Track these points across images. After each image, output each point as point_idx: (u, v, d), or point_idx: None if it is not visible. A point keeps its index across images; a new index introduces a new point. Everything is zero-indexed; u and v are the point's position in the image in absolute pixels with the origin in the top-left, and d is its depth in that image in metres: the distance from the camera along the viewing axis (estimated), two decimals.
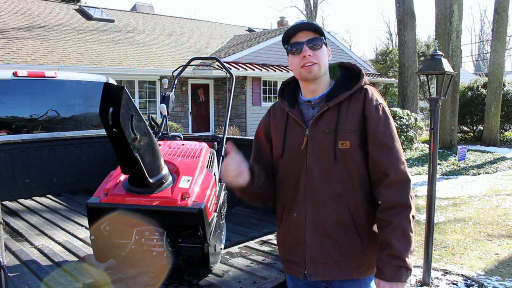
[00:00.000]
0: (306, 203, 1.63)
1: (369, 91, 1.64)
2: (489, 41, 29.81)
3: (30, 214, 3.56)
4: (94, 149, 4.50)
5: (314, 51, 1.60)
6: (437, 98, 3.87)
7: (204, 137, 3.26)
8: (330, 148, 1.59)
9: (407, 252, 1.50)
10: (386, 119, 1.59)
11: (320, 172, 1.60)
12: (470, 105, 14.71)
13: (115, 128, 1.69)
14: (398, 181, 1.54)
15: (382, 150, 1.56)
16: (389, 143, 1.56)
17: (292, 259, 1.69)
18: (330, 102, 1.61)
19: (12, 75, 3.94)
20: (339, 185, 1.59)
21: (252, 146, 1.85)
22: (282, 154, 1.69)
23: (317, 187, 1.61)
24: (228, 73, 3.32)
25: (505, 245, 5.02)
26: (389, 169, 1.54)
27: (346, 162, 1.58)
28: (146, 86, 13.73)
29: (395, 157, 1.55)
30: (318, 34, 1.61)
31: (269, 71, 14.62)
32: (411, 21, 13.61)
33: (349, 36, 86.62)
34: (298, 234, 1.65)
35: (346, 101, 1.62)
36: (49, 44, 12.48)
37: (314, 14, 32.38)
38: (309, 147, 1.62)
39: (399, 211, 1.52)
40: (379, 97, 1.64)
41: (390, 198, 1.53)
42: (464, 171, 9.67)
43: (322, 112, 1.61)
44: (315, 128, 1.62)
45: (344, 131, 1.58)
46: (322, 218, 1.61)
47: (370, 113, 1.58)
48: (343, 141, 1.57)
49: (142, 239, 2.13)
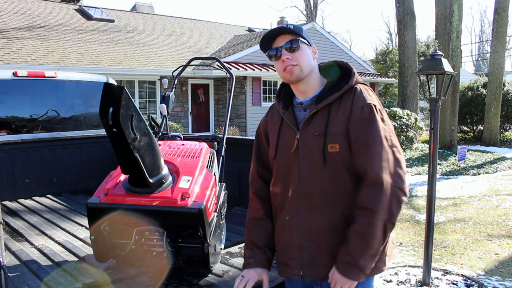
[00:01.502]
0: (299, 206, 1.63)
1: (358, 90, 1.59)
2: (489, 41, 29.82)
3: (30, 214, 3.56)
4: (94, 149, 4.50)
5: (293, 53, 1.58)
6: (437, 98, 3.87)
7: (204, 137, 3.26)
8: (319, 151, 1.57)
9: (363, 255, 1.50)
10: (371, 119, 1.53)
11: (311, 175, 1.59)
12: (470, 105, 14.71)
13: (115, 128, 1.68)
14: (372, 184, 1.49)
15: (363, 151, 1.52)
16: (369, 144, 1.51)
17: (287, 262, 1.68)
18: (319, 104, 1.59)
19: (12, 75, 3.94)
20: (330, 188, 1.57)
21: (253, 147, 1.85)
22: (275, 156, 1.70)
23: (309, 190, 1.60)
24: (228, 73, 3.31)
25: (505, 245, 5.02)
26: (369, 171, 1.50)
27: (336, 165, 1.56)
28: (146, 86, 13.73)
29: (375, 160, 1.50)
30: (295, 35, 1.59)
31: (269, 71, 14.62)
32: (411, 21, 13.61)
33: (349, 36, 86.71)
34: (291, 237, 1.65)
35: (336, 102, 1.58)
36: (49, 44, 12.48)
37: (314, 14, 32.37)
38: (300, 150, 1.61)
39: (365, 214, 1.50)
40: (369, 97, 1.58)
41: (362, 200, 1.51)
42: (464, 171, 9.67)
43: (312, 115, 1.60)
44: (306, 131, 1.60)
45: (333, 134, 1.55)
46: (315, 222, 1.60)
47: (354, 114, 1.54)
48: (332, 144, 1.55)
49: (142, 239, 2.13)
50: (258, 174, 1.82)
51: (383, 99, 23.76)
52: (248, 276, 1.68)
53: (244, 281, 1.66)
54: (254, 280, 1.68)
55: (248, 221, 1.82)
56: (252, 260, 1.72)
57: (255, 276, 1.69)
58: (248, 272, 1.70)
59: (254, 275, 1.69)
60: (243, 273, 1.72)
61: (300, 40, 1.60)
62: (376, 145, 1.51)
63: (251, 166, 1.86)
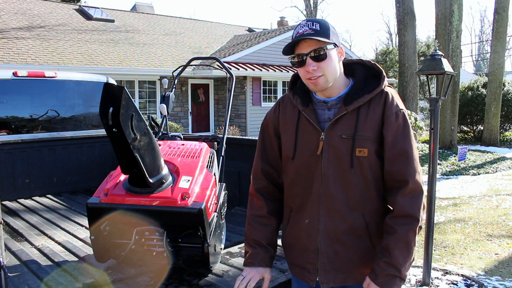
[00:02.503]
0: (320, 210, 1.57)
1: (389, 95, 1.55)
2: (489, 41, 29.81)
3: (30, 214, 3.56)
4: (94, 149, 4.50)
5: (319, 63, 1.48)
6: (437, 98, 3.87)
7: (204, 137, 3.26)
8: (347, 154, 1.51)
9: (405, 263, 1.49)
10: (406, 126, 1.51)
11: (336, 179, 1.54)
12: (470, 105, 14.72)
13: (115, 128, 1.68)
14: (412, 192, 1.49)
15: (401, 158, 1.50)
16: (408, 151, 1.50)
17: (304, 265, 1.64)
18: (349, 106, 1.52)
19: (12, 75, 3.94)
20: (355, 193, 1.53)
21: (258, 142, 1.76)
22: (294, 156, 1.60)
23: (332, 194, 1.54)
24: (228, 73, 3.31)
25: (505, 245, 5.02)
26: (409, 178, 1.49)
27: (363, 170, 1.51)
28: (146, 86, 13.73)
29: (413, 167, 1.50)
30: (322, 43, 1.47)
31: (269, 71, 14.62)
32: (411, 21, 13.59)
33: (349, 36, 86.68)
34: (310, 241, 1.60)
35: (365, 105, 1.53)
36: (49, 44, 12.48)
37: (314, 14, 32.37)
38: (325, 152, 1.54)
39: (408, 222, 1.48)
40: (399, 102, 1.56)
41: (403, 207, 1.49)
42: (464, 171, 9.67)
43: (339, 116, 1.53)
44: (331, 132, 1.53)
45: (362, 138, 1.50)
46: (335, 226, 1.56)
47: (389, 120, 1.50)
48: (360, 148, 1.50)
49: (142, 239, 2.13)
50: (262, 171, 1.73)
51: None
52: (249, 276, 1.64)
53: (245, 281, 1.62)
54: (255, 279, 1.64)
55: (250, 217, 1.74)
56: (254, 259, 1.67)
57: (257, 275, 1.65)
58: (250, 271, 1.66)
59: (255, 274, 1.65)
60: (244, 272, 1.67)
61: (327, 48, 1.48)
62: (413, 154, 1.51)
63: (254, 161, 1.76)
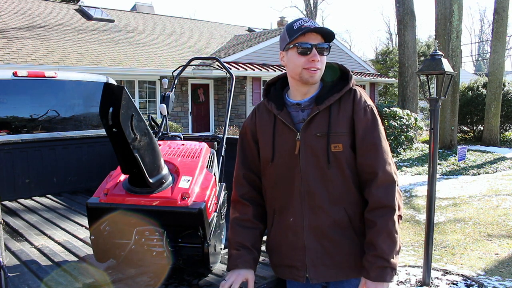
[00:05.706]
0: (303, 207, 1.62)
1: (357, 92, 1.64)
2: (489, 41, 29.82)
3: (30, 214, 3.56)
4: (94, 149, 4.50)
5: (322, 57, 1.59)
6: (437, 98, 3.88)
7: (204, 137, 3.26)
8: (323, 151, 1.58)
9: (392, 253, 1.53)
10: (374, 120, 1.60)
11: (315, 176, 1.60)
12: (470, 105, 14.71)
13: (115, 128, 1.68)
14: (384, 182, 1.56)
15: (371, 151, 1.58)
16: (377, 144, 1.58)
17: (292, 264, 1.67)
18: (321, 105, 1.60)
19: (12, 75, 3.93)
20: (335, 187, 1.60)
21: (237, 150, 1.82)
22: (273, 159, 1.67)
23: (313, 191, 1.60)
24: (228, 73, 3.31)
25: (505, 245, 5.02)
26: (378, 170, 1.56)
27: (340, 165, 1.58)
28: (146, 86, 13.73)
29: (383, 158, 1.57)
30: (326, 40, 1.59)
31: (269, 71, 14.62)
32: (411, 21, 13.61)
33: (349, 36, 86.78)
34: (296, 239, 1.64)
35: (335, 103, 1.61)
36: (49, 44, 12.48)
37: (314, 14, 32.36)
38: (302, 151, 1.61)
39: (385, 212, 1.54)
40: (368, 98, 1.65)
41: (378, 199, 1.55)
42: (464, 171, 9.67)
43: (313, 116, 1.60)
44: (307, 131, 1.60)
45: (336, 134, 1.58)
46: (320, 222, 1.61)
47: (358, 115, 1.59)
48: (335, 144, 1.57)
49: (142, 239, 2.13)
50: (244, 177, 1.79)
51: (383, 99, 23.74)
52: (231, 279, 1.64)
53: (227, 285, 1.61)
54: (238, 282, 1.63)
55: (233, 221, 1.78)
56: (237, 260, 1.68)
57: (239, 277, 1.64)
58: (232, 274, 1.66)
59: (238, 277, 1.65)
60: (227, 276, 1.67)
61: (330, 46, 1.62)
62: (382, 145, 1.59)
63: (235, 169, 1.83)
